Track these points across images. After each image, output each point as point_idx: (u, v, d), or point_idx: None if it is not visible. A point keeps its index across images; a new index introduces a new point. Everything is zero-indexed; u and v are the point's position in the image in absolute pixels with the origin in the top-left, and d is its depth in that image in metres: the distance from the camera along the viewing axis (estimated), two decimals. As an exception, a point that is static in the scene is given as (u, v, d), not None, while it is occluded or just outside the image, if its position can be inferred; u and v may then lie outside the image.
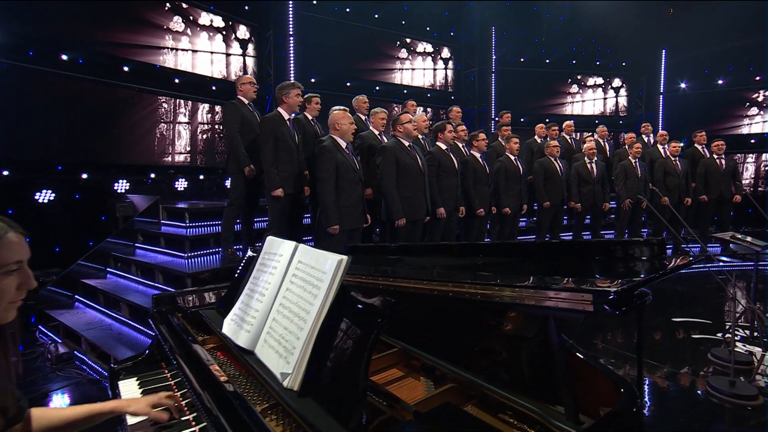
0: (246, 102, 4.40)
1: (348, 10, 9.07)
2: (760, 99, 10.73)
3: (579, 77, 12.05)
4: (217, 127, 7.36)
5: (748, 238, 3.99)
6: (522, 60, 11.29)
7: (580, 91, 12.09)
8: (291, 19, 7.86)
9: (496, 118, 8.99)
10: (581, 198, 6.48)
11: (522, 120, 10.58)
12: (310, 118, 5.08)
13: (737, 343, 3.93)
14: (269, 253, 1.35)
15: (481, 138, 5.35)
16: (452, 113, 6.74)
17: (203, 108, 7.22)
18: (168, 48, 6.71)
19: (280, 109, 4.04)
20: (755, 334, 4.00)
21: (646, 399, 3.06)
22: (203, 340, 1.45)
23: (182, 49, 6.92)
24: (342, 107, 3.92)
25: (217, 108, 7.27)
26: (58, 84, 5.46)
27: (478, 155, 5.38)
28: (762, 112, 10.71)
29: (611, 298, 0.81)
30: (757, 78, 10.56)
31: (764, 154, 10.64)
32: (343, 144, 3.72)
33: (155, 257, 4.67)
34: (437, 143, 4.93)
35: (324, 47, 8.66)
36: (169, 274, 4.09)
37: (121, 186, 5.84)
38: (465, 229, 5.50)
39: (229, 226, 4.38)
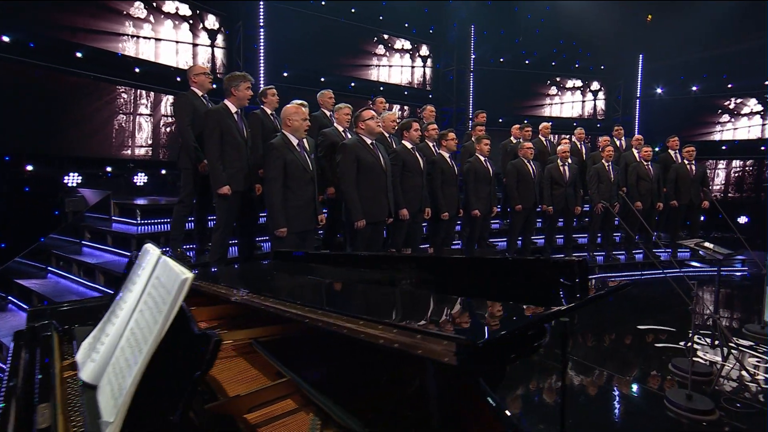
0: (200, 94, 4.15)
1: (323, 2, 8.82)
2: (731, 106, 10.87)
3: (558, 79, 12.03)
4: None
5: (712, 246, 3.92)
6: (501, 60, 11.20)
7: (559, 93, 12.08)
8: (262, 10, 7.57)
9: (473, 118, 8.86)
10: (553, 201, 6.39)
11: (500, 120, 10.49)
12: (269, 112, 4.89)
13: (698, 353, 3.86)
14: (138, 264, 1.14)
15: (450, 138, 5.19)
16: (425, 112, 6.57)
17: (167, 100, 6.90)
18: (128, 35, 6.37)
19: (227, 102, 3.81)
20: (716, 342, 3.93)
21: (604, 413, 2.94)
22: (62, 367, 1.23)
23: (144, 37, 6.58)
24: (298, 102, 3.71)
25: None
26: (4, 68, 5.09)
27: (446, 155, 5.23)
28: (733, 120, 10.85)
29: (478, 346, 0.63)
30: (729, 86, 10.68)
31: (734, 161, 10.77)
32: (295, 141, 3.51)
33: (101, 256, 4.39)
34: (402, 142, 4.76)
35: (297, 41, 8.40)
36: (111, 275, 3.82)
37: (73, 179, 5.51)
38: (432, 231, 5.34)
39: (179, 224, 4.13)
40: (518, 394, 3.04)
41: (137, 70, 6.42)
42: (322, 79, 8.85)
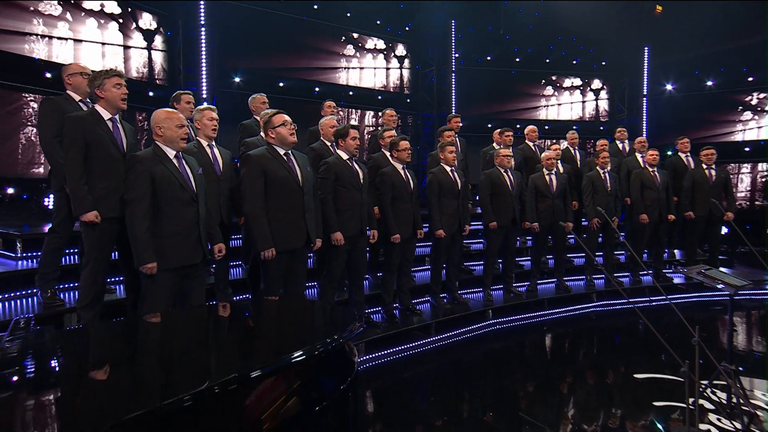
0: (77, 99, 3.60)
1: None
2: (754, 102, 10.18)
3: (554, 78, 11.48)
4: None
5: (721, 274, 3.23)
6: (489, 58, 10.67)
7: (556, 93, 11.51)
8: (203, 6, 7.07)
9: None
10: (539, 216, 5.74)
11: (489, 126, 9.90)
12: None
13: (708, 417, 3.14)
14: None
15: (402, 147, 4.58)
16: (385, 116, 6.00)
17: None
18: (37, 35, 5.89)
19: (97, 106, 3.23)
20: (733, 400, 3.19)
21: None
22: None
23: (59, 38, 6.10)
24: (168, 109, 3.13)
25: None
26: None
27: (399, 167, 4.61)
28: (757, 117, 10.15)
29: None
30: (750, 79, 10.01)
31: (761, 164, 10.04)
32: (170, 153, 2.91)
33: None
34: (337, 151, 4.16)
35: (251, 42, 7.93)
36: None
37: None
38: (386, 256, 4.70)
39: (50, 259, 3.53)
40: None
41: (48, 75, 5.91)
42: (281, 84, 8.36)
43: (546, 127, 11.34)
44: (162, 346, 1.98)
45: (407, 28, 10.31)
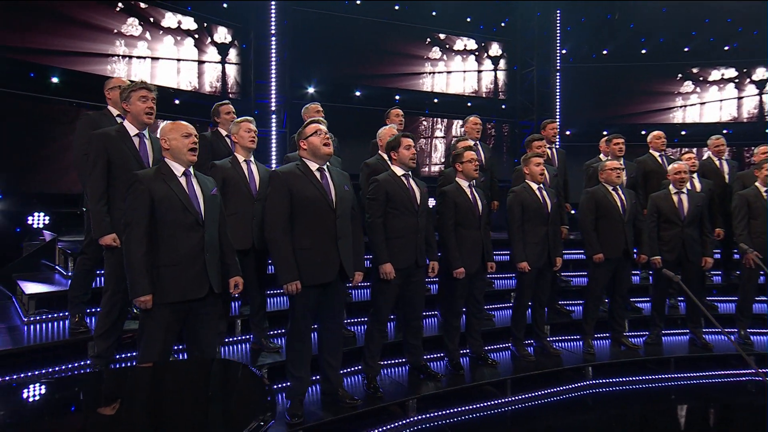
0: (115, 114, 3.69)
1: (358, 1, 8.28)
2: None
3: (696, 71, 9.86)
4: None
5: None
6: (605, 53, 9.50)
7: (698, 89, 9.87)
8: (273, 13, 7.20)
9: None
10: (663, 247, 4.70)
11: (605, 133, 8.70)
12: (224, 133, 4.36)
13: None
14: None
15: (468, 158, 4.01)
16: (467, 124, 5.48)
17: (163, 126, 6.81)
18: (119, 56, 6.43)
19: (125, 122, 3.23)
20: None
21: None
22: None
23: (137, 57, 6.62)
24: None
25: (184, 126, 6.75)
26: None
27: (465, 184, 4.05)
28: None
29: None
30: None
31: None
32: (178, 171, 2.73)
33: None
34: (392, 166, 3.75)
35: (325, 49, 7.93)
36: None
37: (38, 219, 5.49)
38: (447, 292, 4.14)
39: (80, 282, 3.59)
40: None
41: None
42: (357, 93, 8.23)
43: (683, 133, 9.77)
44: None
45: (503, 24, 9.62)
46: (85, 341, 3.44)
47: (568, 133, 9.68)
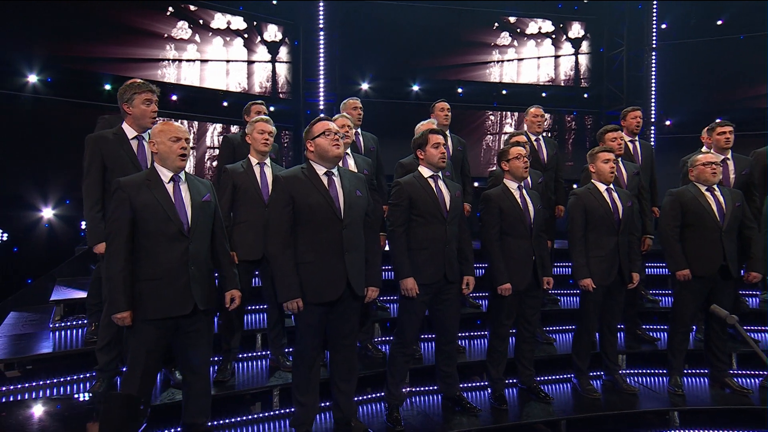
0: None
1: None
2: None
3: None
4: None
5: None
6: (720, 23, 8.32)
7: None
8: (322, 7, 7.13)
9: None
10: (775, 263, 3.91)
11: (718, 121, 7.66)
12: None
13: None
14: None
15: (514, 154, 3.59)
16: (528, 116, 4.99)
17: (213, 129, 7.06)
18: (169, 60, 6.74)
19: (123, 124, 3.23)
20: None
21: None
22: None
23: (186, 60, 6.89)
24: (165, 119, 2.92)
25: (234, 128, 6.96)
26: (25, 108, 5.85)
27: (513, 186, 3.64)
28: None
29: None
30: None
31: None
32: (165, 176, 2.66)
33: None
34: (419, 167, 3.45)
35: (378, 42, 7.73)
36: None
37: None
38: (493, 313, 3.74)
39: (98, 289, 3.66)
40: None
41: (174, 97, 6.72)
42: (415, 88, 7.95)
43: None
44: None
45: (585, 1, 8.81)
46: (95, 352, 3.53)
47: (668, 123, 8.66)
